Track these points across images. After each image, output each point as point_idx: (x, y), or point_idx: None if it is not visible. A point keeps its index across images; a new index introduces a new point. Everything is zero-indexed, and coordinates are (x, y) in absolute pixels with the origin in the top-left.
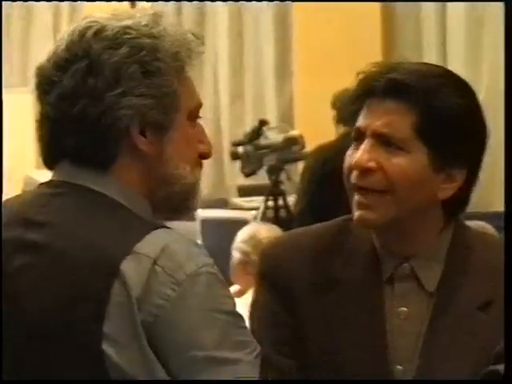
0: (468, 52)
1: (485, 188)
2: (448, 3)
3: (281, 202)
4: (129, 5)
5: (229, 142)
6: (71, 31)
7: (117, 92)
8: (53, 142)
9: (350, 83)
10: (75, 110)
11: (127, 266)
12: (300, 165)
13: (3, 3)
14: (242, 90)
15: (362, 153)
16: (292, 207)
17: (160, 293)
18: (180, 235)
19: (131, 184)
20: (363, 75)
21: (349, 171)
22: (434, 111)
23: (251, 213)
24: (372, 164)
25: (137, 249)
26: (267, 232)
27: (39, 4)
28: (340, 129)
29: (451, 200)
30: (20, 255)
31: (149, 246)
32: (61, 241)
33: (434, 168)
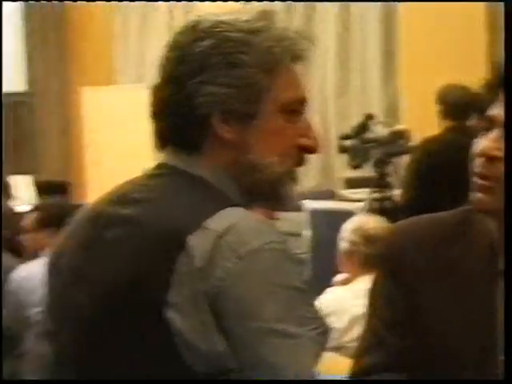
0: None
1: None
2: None
3: (386, 194)
4: (242, 4)
5: (335, 136)
6: (180, 27)
7: (198, 80)
8: (156, 126)
9: (454, 79)
10: (166, 96)
11: (194, 240)
12: (406, 158)
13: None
14: (348, 85)
15: (490, 141)
16: (398, 199)
17: (223, 266)
18: (252, 214)
19: (221, 166)
20: (497, 64)
21: (476, 158)
22: None
23: (358, 204)
24: (498, 153)
25: (206, 224)
26: (373, 223)
27: (155, 4)
28: (445, 123)
29: None
30: (113, 228)
31: (218, 222)
32: (145, 215)
33: None
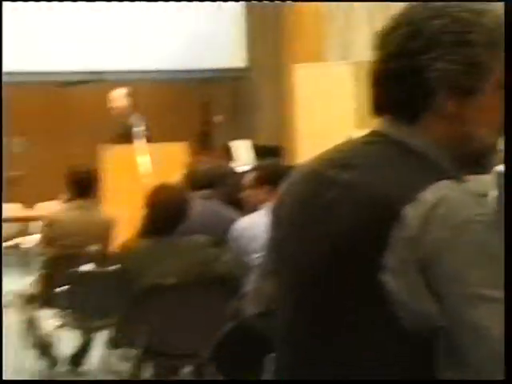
0: None
1: None
2: None
3: None
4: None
5: None
6: (408, 5)
7: (430, 56)
8: (376, 95)
9: None
10: (393, 68)
11: (409, 211)
12: None
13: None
14: None
15: None
16: None
17: (435, 235)
18: (462, 187)
19: (436, 138)
20: None
21: None
22: None
23: None
24: None
25: (421, 196)
26: None
27: None
28: None
29: None
30: (333, 190)
31: (431, 194)
32: (363, 180)
33: None
